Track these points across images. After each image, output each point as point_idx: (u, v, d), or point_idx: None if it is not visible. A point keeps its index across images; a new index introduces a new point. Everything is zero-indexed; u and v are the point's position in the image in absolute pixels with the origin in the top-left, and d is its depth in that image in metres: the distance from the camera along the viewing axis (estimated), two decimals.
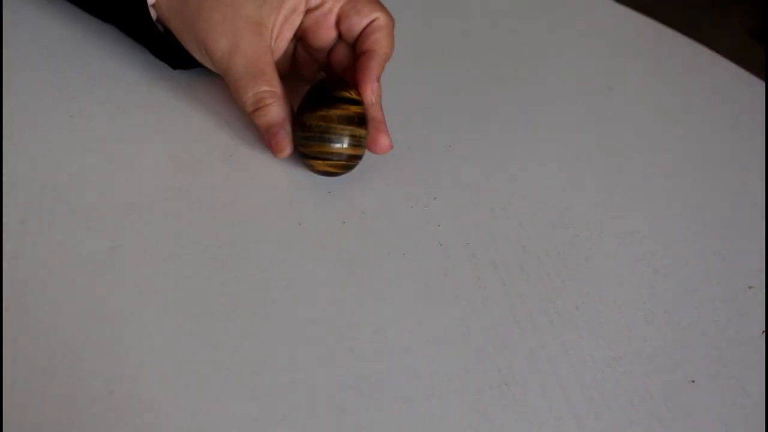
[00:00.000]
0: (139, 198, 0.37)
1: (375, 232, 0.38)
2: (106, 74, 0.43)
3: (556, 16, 0.59)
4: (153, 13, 0.40)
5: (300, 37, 0.42)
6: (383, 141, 0.39)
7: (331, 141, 0.37)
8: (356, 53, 0.40)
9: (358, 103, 0.38)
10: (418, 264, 0.37)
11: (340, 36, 0.41)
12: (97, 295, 0.32)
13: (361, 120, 0.38)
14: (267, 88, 0.38)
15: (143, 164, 0.39)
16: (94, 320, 0.31)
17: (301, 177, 0.40)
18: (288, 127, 0.38)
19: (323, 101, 0.37)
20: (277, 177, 0.40)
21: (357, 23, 0.39)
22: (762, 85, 0.55)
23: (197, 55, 0.40)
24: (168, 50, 0.42)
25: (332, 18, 0.40)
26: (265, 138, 0.39)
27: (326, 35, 0.40)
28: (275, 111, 0.38)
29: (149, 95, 0.43)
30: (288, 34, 0.40)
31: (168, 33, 0.41)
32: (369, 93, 0.38)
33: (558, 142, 0.46)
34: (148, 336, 0.31)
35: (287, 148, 0.38)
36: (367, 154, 0.40)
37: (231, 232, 0.36)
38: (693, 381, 0.34)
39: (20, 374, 0.29)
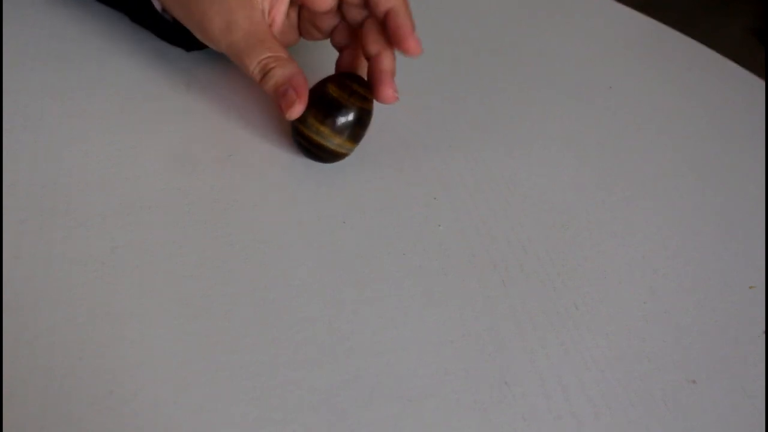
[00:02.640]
0: (139, 198, 0.37)
1: (375, 232, 0.38)
2: (106, 74, 0.43)
3: (556, 16, 0.59)
4: (157, 5, 0.42)
5: (301, 6, 0.42)
6: (387, 92, 0.39)
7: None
8: (365, 55, 0.40)
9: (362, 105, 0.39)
10: (418, 264, 0.37)
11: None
12: (97, 295, 0.32)
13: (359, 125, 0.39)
14: (269, 54, 0.38)
15: (143, 164, 0.39)
16: (94, 320, 0.31)
17: (302, 177, 0.40)
18: (297, 83, 0.38)
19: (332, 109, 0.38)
20: (278, 177, 0.40)
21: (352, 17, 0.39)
22: (762, 84, 0.55)
23: (200, 38, 0.40)
24: (177, 36, 0.43)
25: None
26: (275, 102, 0.38)
27: (323, 3, 0.40)
28: (279, 72, 0.38)
29: (149, 95, 0.43)
30: (282, 7, 0.40)
31: (175, 20, 0.42)
32: (390, 94, 0.38)
33: (558, 141, 0.46)
34: (148, 336, 0.31)
35: (296, 106, 0.37)
36: (371, 153, 0.40)
37: (231, 232, 0.36)
38: (693, 381, 0.34)
39: (20, 374, 0.29)
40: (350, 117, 0.38)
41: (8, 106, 0.40)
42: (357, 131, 0.39)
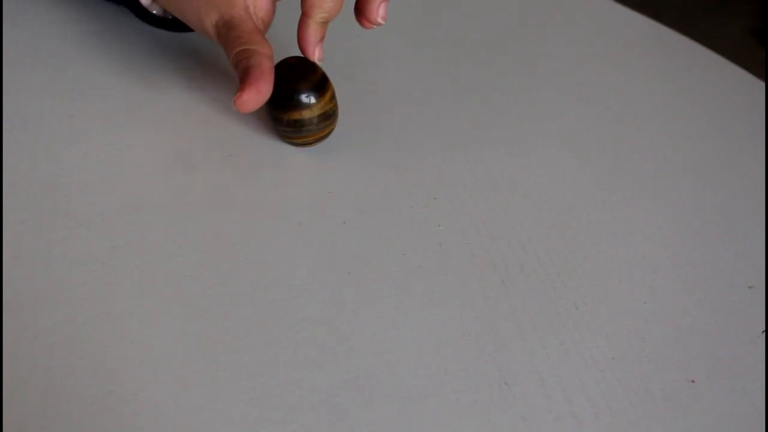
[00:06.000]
0: (139, 198, 0.37)
1: (375, 232, 0.38)
2: (106, 74, 0.43)
3: (556, 16, 0.59)
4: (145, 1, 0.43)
5: None
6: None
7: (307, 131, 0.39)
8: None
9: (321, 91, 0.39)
10: (418, 264, 0.37)
11: None
12: (97, 295, 0.32)
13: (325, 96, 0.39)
14: (245, 47, 0.37)
15: (143, 164, 0.39)
16: (93, 320, 0.31)
17: (302, 177, 0.40)
18: (268, 68, 0.37)
19: (290, 104, 0.38)
20: (277, 177, 0.40)
21: None
22: (762, 85, 0.55)
23: (194, 28, 0.41)
24: (172, 24, 0.44)
25: None
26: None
27: None
28: (256, 60, 0.37)
29: (149, 95, 0.43)
30: None
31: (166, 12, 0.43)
32: (311, 54, 0.39)
33: (558, 141, 0.46)
34: (148, 336, 0.31)
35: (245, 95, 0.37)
36: (370, 153, 0.40)
37: (231, 232, 0.36)
38: (693, 381, 0.34)
39: (20, 374, 0.29)
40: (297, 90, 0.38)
41: (8, 106, 0.40)
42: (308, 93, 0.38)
